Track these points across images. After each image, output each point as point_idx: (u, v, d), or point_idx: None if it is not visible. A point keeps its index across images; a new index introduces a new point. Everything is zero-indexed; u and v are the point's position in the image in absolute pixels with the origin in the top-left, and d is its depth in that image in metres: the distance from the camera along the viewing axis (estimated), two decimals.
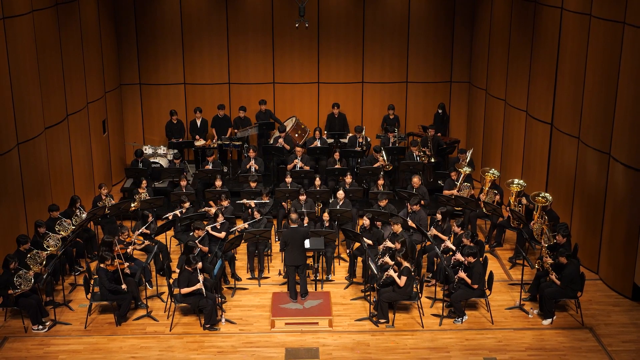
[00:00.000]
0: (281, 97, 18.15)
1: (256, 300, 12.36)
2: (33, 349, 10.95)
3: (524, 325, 11.59)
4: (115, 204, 13.71)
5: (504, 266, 13.51)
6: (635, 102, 11.60)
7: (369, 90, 18.17)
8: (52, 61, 13.84)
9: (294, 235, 11.85)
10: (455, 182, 14.52)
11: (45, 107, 13.62)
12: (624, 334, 11.30)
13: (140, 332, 11.41)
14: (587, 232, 13.09)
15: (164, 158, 16.76)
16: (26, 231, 12.79)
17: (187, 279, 11.24)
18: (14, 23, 12.38)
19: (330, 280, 12.96)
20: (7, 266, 11.16)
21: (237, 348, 11.00)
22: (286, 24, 17.41)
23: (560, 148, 13.86)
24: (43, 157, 13.58)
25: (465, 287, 11.52)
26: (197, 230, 12.32)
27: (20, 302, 11.23)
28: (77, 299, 12.34)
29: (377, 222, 12.98)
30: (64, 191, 14.28)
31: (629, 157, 11.87)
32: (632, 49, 11.56)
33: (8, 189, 12.47)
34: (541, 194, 12.98)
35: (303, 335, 11.34)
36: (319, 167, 15.99)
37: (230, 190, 14.81)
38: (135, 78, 17.77)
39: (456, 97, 18.20)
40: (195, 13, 17.46)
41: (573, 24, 13.13)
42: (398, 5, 17.56)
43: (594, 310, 11.95)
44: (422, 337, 11.26)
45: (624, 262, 12.21)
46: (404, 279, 11.29)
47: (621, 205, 12.14)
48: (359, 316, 11.82)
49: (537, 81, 14.50)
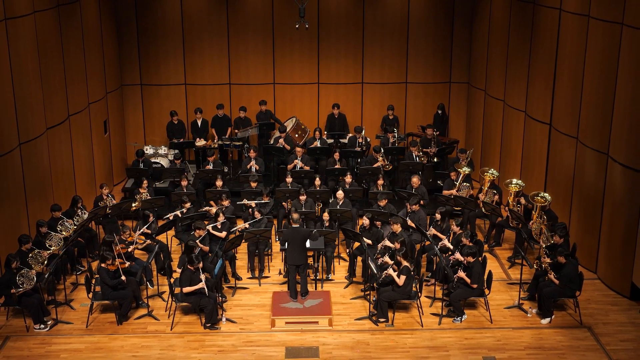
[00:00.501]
0: (281, 97, 18.16)
1: (256, 299, 12.36)
2: (35, 348, 10.95)
3: (523, 325, 11.59)
4: (116, 204, 13.71)
5: (502, 266, 13.51)
6: (633, 102, 11.60)
7: (369, 91, 18.18)
8: (53, 62, 13.85)
9: (295, 235, 11.86)
10: (455, 182, 14.53)
11: (47, 107, 13.63)
12: (622, 333, 11.31)
13: (142, 331, 11.41)
14: (586, 232, 13.09)
15: (164, 158, 16.76)
16: (28, 231, 12.80)
17: (189, 278, 11.25)
18: (15, 24, 12.39)
19: (330, 279, 12.96)
20: (9, 265, 11.17)
21: (237, 347, 11.01)
22: (286, 25, 17.42)
23: (559, 148, 13.86)
24: (45, 157, 13.58)
25: (464, 287, 11.52)
26: (198, 230, 12.33)
27: (23, 301, 11.23)
28: (79, 298, 12.34)
29: (376, 221, 12.99)
30: (65, 191, 14.28)
31: (627, 158, 11.87)
32: (630, 50, 11.57)
33: (10, 189, 12.47)
34: (540, 194, 12.98)
35: (303, 334, 11.35)
36: (319, 167, 16.00)
37: (231, 190, 14.81)
38: (136, 79, 17.78)
39: (455, 98, 18.20)
40: (195, 14, 17.47)
41: (572, 25, 13.13)
42: (398, 7, 17.57)
43: (593, 310, 11.96)
44: (422, 336, 11.26)
45: (622, 262, 12.22)
46: (403, 278, 11.30)
47: (619, 205, 12.15)
48: (359, 315, 11.83)
49: (536, 82, 14.50)
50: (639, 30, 11.33)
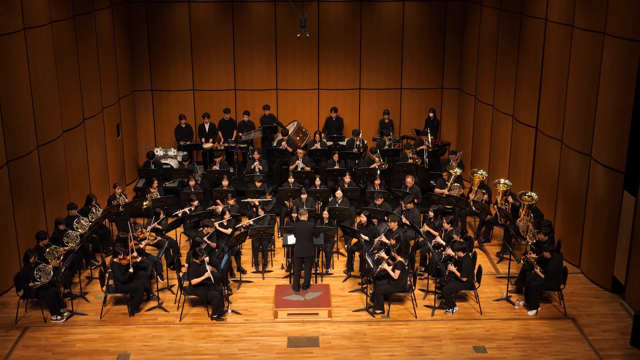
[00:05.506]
0: (284, 102, 18.15)
1: (260, 292, 12.36)
2: (52, 338, 10.96)
3: (511, 316, 11.59)
4: (128, 203, 13.71)
5: (491, 260, 13.51)
6: (615, 107, 11.60)
7: (366, 96, 18.17)
8: (69, 69, 13.85)
9: (301, 228, 11.85)
10: (447, 182, 14.52)
11: (63, 111, 13.63)
12: (604, 324, 11.30)
13: (152, 322, 11.41)
14: (570, 229, 13.08)
15: (174, 159, 16.77)
16: (45, 228, 12.80)
17: (196, 270, 11.26)
18: (34, 33, 12.39)
19: (329, 273, 12.96)
20: (28, 260, 11.17)
21: (242, 337, 11.01)
22: (288, 34, 17.41)
23: (545, 150, 13.85)
24: (61, 159, 13.58)
25: (455, 280, 11.52)
26: (206, 228, 12.32)
27: (40, 294, 11.23)
28: (93, 291, 12.34)
29: (373, 219, 12.98)
30: (80, 190, 14.28)
31: (609, 159, 11.87)
32: (611, 58, 11.56)
33: (29, 189, 12.47)
34: (527, 193, 12.98)
35: (304, 325, 11.34)
36: (319, 168, 15.98)
37: (236, 189, 14.81)
38: (147, 85, 17.78)
39: (447, 103, 18.20)
40: (203, 24, 17.47)
41: (557, 34, 13.13)
42: (393, 17, 17.57)
43: (576, 302, 11.95)
44: (416, 327, 11.26)
45: (604, 257, 12.22)
46: (398, 272, 11.30)
47: (601, 203, 12.15)
48: (357, 307, 11.82)
49: (523, 87, 14.50)
50: (620, 40, 11.33)
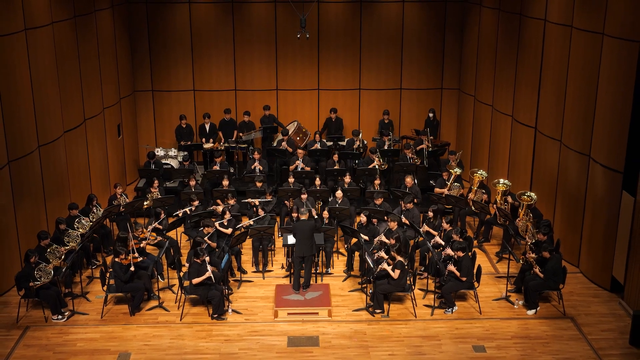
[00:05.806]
0: (284, 102, 18.14)
1: (260, 292, 12.34)
2: (53, 337, 10.94)
3: (510, 315, 11.57)
4: (129, 202, 13.70)
5: (491, 260, 13.50)
6: (613, 107, 11.59)
7: (366, 97, 18.15)
8: (70, 69, 13.83)
9: (302, 228, 11.83)
10: (446, 181, 14.51)
11: (65, 112, 13.61)
12: (603, 324, 11.29)
13: (153, 321, 11.40)
14: (569, 229, 13.07)
15: (174, 159, 16.76)
16: (47, 227, 12.79)
17: (196, 270, 11.25)
18: (35, 34, 12.38)
19: (329, 273, 12.94)
20: (28, 260, 11.16)
21: (242, 336, 10.99)
22: (288, 35, 17.40)
23: (544, 150, 13.84)
24: (62, 159, 13.57)
25: (454, 280, 11.50)
26: (206, 227, 12.31)
27: (41, 294, 11.22)
28: (94, 290, 12.33)
29: (373, 219, 12.97)
30: (81, 190, 14.27)
31: (607, 159, 11.86)
32: (610, 58, 11.55)
33: (30, 189, 12.46)
34: (526, 193, 12.98)
35: (304, 325, 11.33)
36: (319, 168, 15.97)
37: (237, 189, 14.80)
38: (148, 85, 17.77)
39: (447, 103, 18.18)
40: (204, 25, 17.46)
41: (556, 34, 13.12)
42: (393, 18, 17.56)
43: (575, 302, 11.94)
44: (415, 326, 11.24)
45: (603, 257, 12.21)
46: (398, 272, 11.28)
47: (600, 203, 12.13)
48: (356, 307, 11.81)
49: (522, 88, 14.49)
50: (618, 40, 11.32)
